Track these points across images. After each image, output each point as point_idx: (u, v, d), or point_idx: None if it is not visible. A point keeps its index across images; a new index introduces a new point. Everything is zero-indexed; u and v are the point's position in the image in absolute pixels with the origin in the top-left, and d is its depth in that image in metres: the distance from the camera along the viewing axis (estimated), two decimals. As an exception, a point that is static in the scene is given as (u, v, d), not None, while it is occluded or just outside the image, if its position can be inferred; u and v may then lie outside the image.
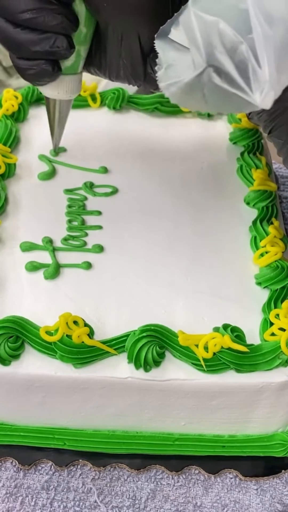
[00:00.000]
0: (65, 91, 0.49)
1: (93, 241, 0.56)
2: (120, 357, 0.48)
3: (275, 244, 0.54)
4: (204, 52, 0.37)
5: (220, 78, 0.38)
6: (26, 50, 0.44)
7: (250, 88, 0.36)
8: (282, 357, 0.47)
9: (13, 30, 0.43)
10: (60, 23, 0.43)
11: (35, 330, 0.47)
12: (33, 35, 0.43)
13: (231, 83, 0.37)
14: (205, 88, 0.39)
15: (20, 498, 0.50)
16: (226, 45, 0.36)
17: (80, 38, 0.46)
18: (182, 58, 0.40)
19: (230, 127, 0.68)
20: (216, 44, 0.37)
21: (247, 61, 0.36)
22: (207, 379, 0.47)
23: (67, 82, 0.48)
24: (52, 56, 0.45)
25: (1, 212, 0.57)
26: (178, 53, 0.40)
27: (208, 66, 0.38)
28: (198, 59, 0.38)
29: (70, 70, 0.48)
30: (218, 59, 0.37)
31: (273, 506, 0.51)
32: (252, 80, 0.36)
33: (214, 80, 0.38)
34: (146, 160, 0.64)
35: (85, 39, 0.46)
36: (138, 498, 0.51)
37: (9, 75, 1.23)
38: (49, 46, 0.43)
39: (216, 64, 0.37)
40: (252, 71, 0.36)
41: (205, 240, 0.57)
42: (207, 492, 0.52)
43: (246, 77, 0.36)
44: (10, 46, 0.45)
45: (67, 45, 0.44)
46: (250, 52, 0.36)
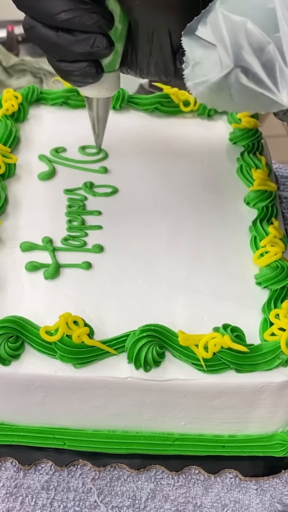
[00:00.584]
0: (105, 89, 0.50)
1: (93, 241, 0.56)
2: (120, 357, 0.48)
3: (275, 244, 0.54)
4: (231, 53, 0.38)
5: (247, 78, 0.38)
6: (67, 52, 0.44)
7: (277, 88, 0.37)
8: (282, 357, 0.47)
9: (51, 33, 0.44)
10: (96, 21, 0.43)
11: (35, 330, 0.47)
12: (72, 37, 0.44)
13: (258, 82, 0.38)
14: (232, 88, 0.39)
15: (20, 498, 0.50)
16: (254, 45, 0.37)
17: (116, 35, 0.46)
18: (209, 55, 0.40)
19: (230, 127, 0.68)
20: (244, 45, 0.37)
21: (274, 61, 0.37)
22: (207, 379, 0.47)
23: (107, 80, 0.49)
24: (93, 56, 0.45)
25: (1, 212, 0.57)
26: (205, 50, 0.40)
27: (236, 67, 0.38)
28: (225, 60, 0.38)
29: (108, 68, 0.48)
30: (246, 59, 0.38)
31: (273, 506, 0.51)
32: (279, 79, 0.37)
33: (241, 80, 0.38)
34: (146, 160, 0.64)
35: (121, 35, 0.47)
36: (138, 498, 0.51)
37: (9, 75, 1.23)
38: (89, 46, 0.44)
39: (243, 65, 0.38)
40: (279, 70, 0.37)
41: (205, 240, 0.57)
42: (207, 492, 0.52)
43: (273, 77, 0.37)
44: (51, 50, 0.45)
45: (106, 43, 0.44)
46: (277, 52, 0.36)
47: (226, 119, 0.70)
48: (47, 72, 1.21)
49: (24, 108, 0.67)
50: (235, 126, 0.67)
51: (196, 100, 0.69)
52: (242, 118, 0.67)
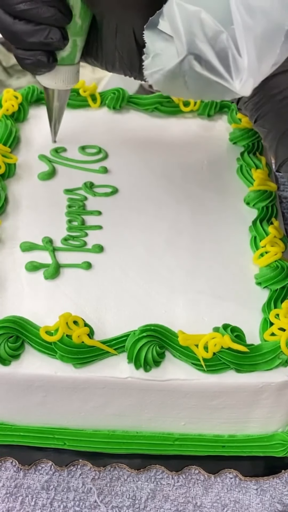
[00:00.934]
0: (62, 81, 0.51)
1: (93, 241, 0.56)
2: (120, 357, 0.48)
3: (275, 244, 0.54)
4: (185, 40, 0.39)
5: (200, 66, 0.39)
6: (23, 41, 0.46)
7: (231, 76, 0.38)
8: (282, 357, 0.47)
9: (10, 21, 0.45)
10: (53, 15, 0.44)
11: (35, 330, 0.47)
12: (28, 27, 0.45)
13: (212, 70, 0.39)
14: (186, 75, 0.40)
15: (20, 498, 0.50)
16: (207, 34, 0.38)
17: (75, 30, 0.47)
18: (169, 48, 0.41)
19: (230, 127, 0.68)
20: (197, 33, 0.38)
21: (228, 50, 0.37)
22: (207, 379, 0.47)
23: (64, 72, 0.50)
24: (46, 47, 0.46)
25: (1, 212, 0.57)
26: (166, 43, 0.41)
27: (189, 54, 0.39)
28: (179, 47, 0.39)
29: (67, 61, 0.49)
30: (199, 47, 0.38)
31: (273, 506, 0.51)
32: (233, 67, 0.38)
33: (195, 67, 0.39)
34: (146, 160, 0.64)
35: (80, 30, 0.47)
36: (138, 498, 0.51)
37: (9, 75, 1.23)
38: (43, 37, 0.45)
39: (196, 52, 0.39)
40: (232, 59, 0.38)
41: (205, 240, 0.57)
42: (207, 492, 0.52)
43: (226, 65, 0.38)
44: (9, 37, 0.46)
45: (60, 37, 0.46)
46: (231, 41, 0.37)
47: (226, 119, 0.70)
48: (47, 72, 1.21)
49: (24, 108, 0.67)
50: (235, 126, 0.67)
51: (196, 101, 0.69)
52: (242, 118, 0.67)
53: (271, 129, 0.50)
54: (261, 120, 0.50)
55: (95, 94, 0.69)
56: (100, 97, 0.69)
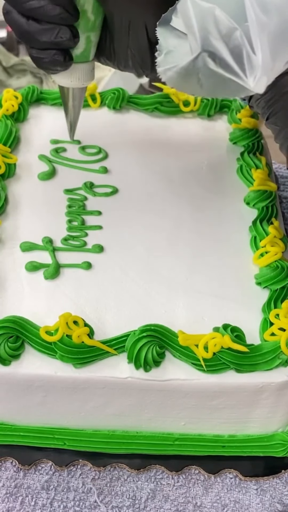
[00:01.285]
0: (77, 79, 0.50)
1: (93, 241, 0.56)
2: (120, 357, 0.48)
3: (275, 244, 0.54)
4: (199, 38, 0.39)
5: (214, 63, 0.39)
6: (36, 40, 0.46)
7: (244, 73, 0.38)
8: (282, 357, 0.47)
9: (23, 21, 0.46)
10: (59, 14, 0.44)
11: (35, 330, 0.47)
12: (39, 26, 0.45)
13: (226, 68, 0.39)
14: (200, 72, 0.40)
15: (20, 498, 0.50)
16: (221, 31, 0.38)
17: (88, 26, 0.47)
18: (182, 45, 0.41)
19: (230, 127, 0.68)
20: (211, 30, 0.38)
21: (242, 47, 0.37)
22: (207, 379, 0.47)
23: (79, 70, 0.50)
24: (58, 46, 0.46)
25: (1, 212, 0.57)
26: (179, 40, 0.41)
27: (203, 51, 0.39)
28: (193, 45, 0.39)
29: (81, 58, 0.49)
30: (213, 44, 0.38)
31: (273, 506, 0.51)
32: (246, 65, 0.38)
33: (209, 65, 0.39)
34: (146, 160, 0.64)
35: (93, 26, 0.47)
36: (138, 498, 0.51)
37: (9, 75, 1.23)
38: (54, 36, 0.45)
39: (211, 50, 0.39)
40: (246, 56, 0.37)
41: (205, 240, 0.57)
42: (207, 492, 0.52)
43: (240, 63, 0.38)
44: (23, 36, 0.47)
45: (70, 35, 0.46)
46: (244, 38, 0.37)
47: (226, 119, 0.70)
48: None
49: (24, 108, 0.67)
50: (235, 126, 0.67)
51: (196, 100, 0.69)
52: (242, 118, 0.67)
53: (283, 127, 0.50)
54: (273, 118, 0.50)
55: (95, 94, 0.69)
56: (100, 97, 0.69)
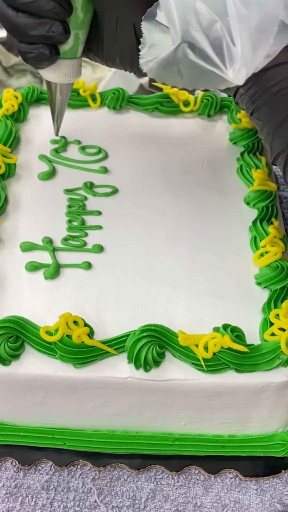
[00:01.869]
0: (64, 75, 0.51)
1: (93, 241, 0.56)
2: (120, 357, 0.48)
3: (275, 244, 0.54)
4: (179, 28, 0.39)
5: (194, 54, 0.39)
6: (25, 34, 0.46)
7: (224, 64, 0.38)
8: (282, 357, 0.47)
9: (13, 14, 0.46)
10: (53, 8, 0.45)
11: (35, 330, 0.47)
12: (30, 20, 0.45)
13: (206, 59, 0.39)
14: (180, 63, 0.41)
15: (20, 498, 0.50)
16: (202, 23, 0.38)
17: (77, 23, 0.47)
18: (166, 39, 0.41)
19: (230, 127, 0.68)
20: (192, 22, 0.38)
21: (222, 39, 0.38)
22: (207, 379, 0.47)
23: (66, 66, 0.50)
24: (48, 40, 0.47)
25: (1, 212, 0.57)
26: (163, 34, 0.42)
27: (183, 42, 0.39)
28: (174, 35, 0.40)
29: (69, 54, 0.49)
30: (193, 35, 0.39)
31: (273, 506, 0.51)
32: (226, 56, 0.38)
33: (189, 56, 0.40)
34: (146, 160, 0.64)
35: (82, 24, 0.48)
36: (138, 498, 0.51)
37: (9, 75, 1.23)
38: (45, 31, 0.46)
39: (191, 41, 0.39)
40: (226, 48, 0.38)
41: (205, 240, 0.57)
42: (207, 492, 0.52)
43: (220, 54, 0.38)
44: (12, 30, 0.47)
45: (62, 30, 0.46)
46: (225, 31, 0.38)
47: (226, 119, 0.70)
48: (47, 72, 1.21)
49: (24, 108, 0.67)
50: (235, 126, 0.67)
51: (196, 100, 0.69)
52: (242, 118, 0.67)
53: (266, 122, 0.50)
54: (256, 113, 0.50)
55: (95, 94, 0.69)
56: (100, 97, 0.69)
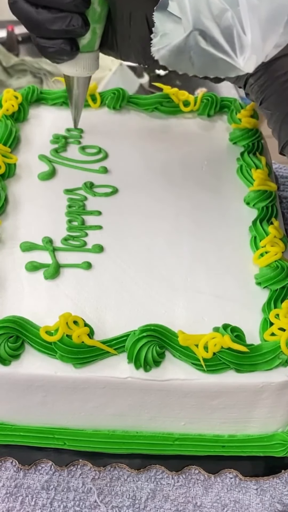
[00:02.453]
0: (83, 68, 0.52)
1: (93, 241, 0.56)
2: (120, 357, 0.48)
3: (275, 244, 0.54)
4: (191, 17, 0.40)
5: (205, 42, 0.40)
6: (45, 29, 0.47)
7: (235, 52, 0.39)
8: (282, 357, 0.47)
9: (32, 10, 0.46)
10: (73, 1, 0.46)
11: (35, 330, 0.47)
12: (50, 14, 0.46)
13: (217, 47, 0.40)
14: (191, 51, 0.42)
15: (20, 498, 0.50)
16: (213, 11, 0.39)
17: (95, 17, 0.48)
18: (178, 29, 0.42)
19: (230, 127, 0.68)
20: (203, 10, 0.39)
21: (233, 27, 0.39)
22: (207, 379, 0.47)
23: (85, 59, 0.51)
24: (68, 34, 0.48)
25: (1, 212, 0.57)
26: (175, 25, 0.42)
27: (194, 30, 0.40)
28: (185, 23, 0.41)
29: (87, 48, 0.50)
30: (205, 24, 0.40)
31: (273, 506, 0.51)
32: (237, 44, 0.39)
33: (200, 43, 0.41)
34: (146, 160, 0.64)
35: (99, 18, 0.49)
36: (138, 498, 0.51)
37: (9, 75, 1.23)
38: (65, 25, 0.47)
39: (202, 28, 0.40)
40: (237, 36, 0.39)
41: (205, 240, 0.57)
42: (207, 492, 0.52)
43: (231, 42, 0.39)
44: (30, 26, 0.48)
45: (82, 23, 0.47)
46: (236, 20, 0.39)
47: (226, 119, 0.70)
48: (47, 72, 1.21)
49: (24, 108, 0.67)
50: (235, 126, 0.67)
51: (196, 100, 0.69)
52: (242, 118, 0.67)
53: (274, 111, 0.50)
54: (265, 103, 0.51)
55: (95, 94, 0.69)
56: (100, 97, 0.69)
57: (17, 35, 1.31)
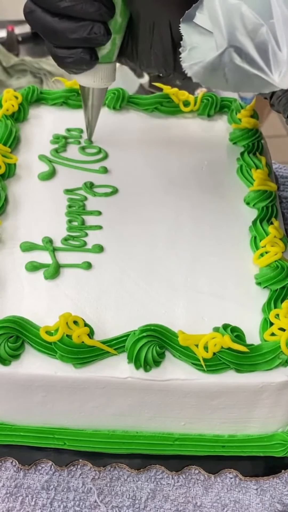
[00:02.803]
0: (100, 79, 0.51)
1: (93, 241, 0.56)
2: (120, 357, 0.48)
3: (275, 244, 0.54)
4: (226, 33, 0.39)
5: (240, 58, 0.40)
6: (64, 38, 0.46)
7: (270, 69, 0.39)
8: (282, 357, 0.47)
9: (51, 19, 0.45)
10: (98, 9, 0.45)
11: (35, 330, 0.47)
12: (71, 23, 0.45)
13: (251, 63, 0.39)
14: (226, 67, 0.41)
15: (20, 498, 0.50)
16: (248, 27, 0.38)
17: (115, 27, 0.48)
18: (206, 41, 0.41)
19: (230, 127, 0.68)
20: (238, 26, 0.39)
21: (268, 43, 0.38)
22: (207, 379, 0.47)
23: (103, 70, 0.51)
24: (89, 43, 0.46)
25: (1, 212, 0.57)
26: (202, 37, 0.42)
27: (229, 47, 0.40)
28: (220, 40, 0.40)
29: (105, 59, 0.50)
30: (239, 40, 0.39)
31: (273, 506, 0.51)
32: (272, 61, 0.38)
33: (235, 60, 0.40)
34: (146, 160, 0.64)
35: (120, 28, 0.48)
36: (138, 498, 0.51)
37: (9, 75, 1.24)
38: (87, 33, 0.45)
39: (237, 45, 0.39)
40: (272, 52, 0.38)
41: (205, 240, 0.57)
42: (207, 492, 0.52)
43: (266, 58, 0.39)
44: (48, 35, 0.46)
45: (104, 31, 0.46)
46: (270, 35, 0.38)
47: (226, 119, 0.70)
48: (47, 72, 1.21)
49: (24, 108, 0.67)
50: (235, 126, 0.67)
51: (196, 100, 0.69)
52: (242, 118, 0.67)
53: None
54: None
55: (95, 94, 0.69)
56: (100, 97, 0.69)
57: (17, 35, 1.31)
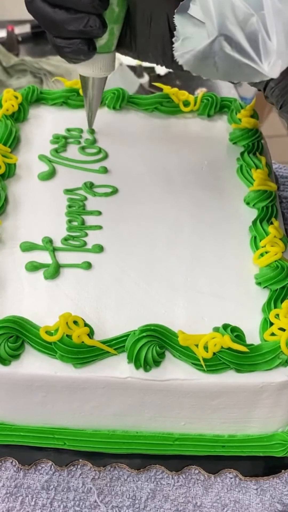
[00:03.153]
0: (99, 69, 0.52)
1: (93, 241, 0.56)
2: (120, 357, 0.48)
3: (275, 244, 0.54)
4: (216, 22, 0.40)
5: (230, 47, 0.40)
6: (62, 29, 0.46)
7: (260, 58, 0.39)
8: (282, 357, 0.47)
9: (49, 10, 0.46)
10: (91, 2, 0.45)
11: (35, 330, 0.47)
12: (67, 15, 0.46)
13: (241, 52, 0.40)
14: (216, 56, 0.41)
15: (20, 498, 0.50)
16: (238, 16, 0.39)
17: (113, 17, 0.48)
18: (199, 32, 0.42)
19: (230, 127, 0.68)
20: (228, 15, 0.39)
21: (258, 33, 0.39)
22: (207, 379, 0.47)
23: (101, 60, 0.51)
24: (85, 35, 0.47)
25: (1, 212, 0.57)
26: (196, 28, 0.42)
27: (220, 35, 0.40)
28: (210, 29, 0.40)
29: (104, 49, 0.50)
30: (230, 29, 0.40)
31: (273, 506, 0.51)
32: (262, 50, 0.39)
33: (225, 49, 0.41)
34: (146, 160, 0.64)
35: (117, 18, 0.49)
36: (138, 498, 0.51)
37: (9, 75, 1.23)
38: (83, 25, 0.46)
39: (227, 34, 0.40)
40: (262, 42, 0.39)
41: (205, 240, 0.57)
42: (207, 492, 0.52)
43: (256, 47, 0.39)
44: (47, 25, 0.47)
45: (99, 24, 0.46)
46: (261, 25, 0.39)
47: (226, 119, 0.70)
48: (47, 72, 1.21)
49: (24, 108, 0.67)
50: (235, 126, 0.67)
51: (196, 100, 0.69)
52: (242, 118, 0.67)
53: None
54: (285, 107, 0.51)
55: (95, 94, 0.69)
56: (100, 97, 0.69)
57: (17, 35, 1.31)
